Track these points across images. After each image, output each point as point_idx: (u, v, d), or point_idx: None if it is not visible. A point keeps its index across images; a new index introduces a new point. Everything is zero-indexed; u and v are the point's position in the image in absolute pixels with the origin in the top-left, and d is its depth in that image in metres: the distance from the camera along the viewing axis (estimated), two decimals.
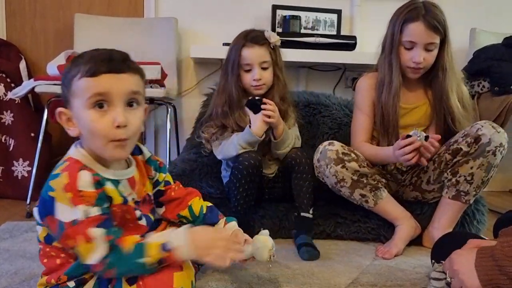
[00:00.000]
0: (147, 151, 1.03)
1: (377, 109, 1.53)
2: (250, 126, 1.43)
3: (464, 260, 0.83)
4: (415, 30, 1.41)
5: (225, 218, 1.13)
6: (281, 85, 1.53)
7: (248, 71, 1.49)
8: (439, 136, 1.34)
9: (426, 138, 1.30)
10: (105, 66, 0.80)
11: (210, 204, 1.13)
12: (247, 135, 1.42)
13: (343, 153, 1.42)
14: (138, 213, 0.94)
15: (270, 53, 1.50)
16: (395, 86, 1.48)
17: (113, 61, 0.81)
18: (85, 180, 0.80)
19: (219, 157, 1.51)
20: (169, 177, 1.09)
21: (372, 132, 1.56)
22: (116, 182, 0.89)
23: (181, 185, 1.12)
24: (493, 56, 2.12)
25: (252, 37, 1.48)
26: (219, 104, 1.52)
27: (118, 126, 0.82)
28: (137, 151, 0.99)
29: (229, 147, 1.45)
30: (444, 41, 1.45)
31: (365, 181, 1.42)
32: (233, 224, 1.13)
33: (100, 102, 0.81)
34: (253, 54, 1.47)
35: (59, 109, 0.85)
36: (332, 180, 1.43)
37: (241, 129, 1.47)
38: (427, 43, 1.42)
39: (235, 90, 1.50)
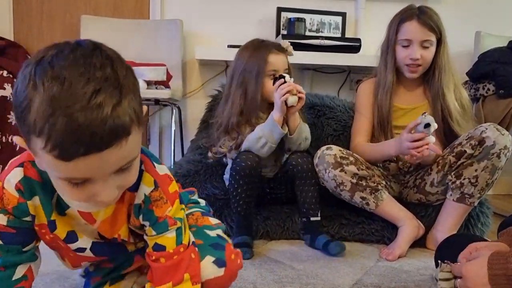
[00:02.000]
0: (143, 193, 0.72)
1: (374, 110, 1.57)
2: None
3: (476, 276, 0.83)
4: (410, 28, 1.48)
5: None
6: None
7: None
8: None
9: (426, 125, 1.31)
10: (83, 146, 0.53)
11: None
12: (269, 122, 1.41)
13: (341, 157, 1.42)
14: (76, 245, 0.77)
15: (288, 62, 1.53)
16: (388, 82, 1.53)
17: (95, 137, 0.53)
18: (9, 180, 0.69)
19: (243, 146, 1.47)
20: (166, 242, 0.75)
21: (372, 134, 1.59)
22: (65, 204, 0.73)
23: (182, 258, 0.76)
24: (498, 59, 2.12)
25: (276, 45, 1.51)
26: (235, 113, 1.48)
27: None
28: (134, 185, 0.69)
29: (252, 138, 1.44)
30: (440, 41, 1.50)
31: (364, 183, 1.43)
32: None
33: (76, 182, 0.59)
34: (280, 60, 1.48)
35: (16, 139, 0.61)
36: (332, 184, 1.44)
37: None
38: (423, 40, 1.48)
39: (260, 97, 1.47)
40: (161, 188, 0.74)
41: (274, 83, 1.42)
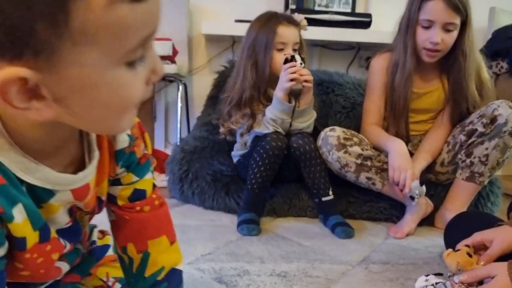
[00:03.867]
0: (125, 133, 0.59)
1: (388, 91, 1.50)
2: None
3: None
4: (434, 8, 1.35)
5: None
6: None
7: (281, 50, 1.44)
8: None
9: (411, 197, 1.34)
10: None
11: (177, 268, 0.69)
12: (275, 102, 1.40)
13: (344, 138, 1.40)
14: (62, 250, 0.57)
15: (300, 36, 1.49)
16: (407, 69, 1.43)
17: None
18: None
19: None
20: (146, 185, 0.65)
21: (384, 114, 1.54)
22: (46, 193, 0.51)
23: (162, 202, 0.68)
24: None
25: (287, 17, 1.46)
26: (247, 87, 1.46)
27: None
28: None
29: (268, 121, 1.43)
30: (465, 23, 1.37)
31: (369, 164, 1.41)
32: None
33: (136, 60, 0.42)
34: (289, 33, 1.44)
35: (10, 74, 0.36)
36: (336, 166, 1.42)
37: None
38: (446, 23, 1.35)
39: (268, 70, 1.45)
40: (136, 122, 0.61)
41: (284, 63, 1.39)
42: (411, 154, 1.55)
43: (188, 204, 1.61)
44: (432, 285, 0.86)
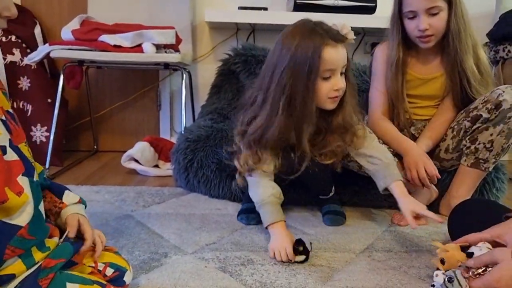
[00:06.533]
0: None
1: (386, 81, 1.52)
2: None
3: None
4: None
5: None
6: (353, 92, 1.25)
7: (327, 79, 1.13)
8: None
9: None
10: None
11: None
12: (264, 217, 1.21)
13: None
14: None
15: (347, 55, 1.18)
16: (393, 58, 1.47)
17: None
18: None
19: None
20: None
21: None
22: None
23: None
24: None
25: (333, 35, 1.12)
26: (275, 126, 1.14)
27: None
28: None
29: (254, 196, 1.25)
30: (451, 4, 1.38)
31: None
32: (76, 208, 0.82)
33: None
34: (339, 56, 1.13)
35: None
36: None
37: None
38: (428, 8, 1.36)
39: (313, 106, 1.14)
40: None
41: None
42: (415, 138, 1.56)
43: (194, 193, 1.62)
44: (443, 273, 0.88)
